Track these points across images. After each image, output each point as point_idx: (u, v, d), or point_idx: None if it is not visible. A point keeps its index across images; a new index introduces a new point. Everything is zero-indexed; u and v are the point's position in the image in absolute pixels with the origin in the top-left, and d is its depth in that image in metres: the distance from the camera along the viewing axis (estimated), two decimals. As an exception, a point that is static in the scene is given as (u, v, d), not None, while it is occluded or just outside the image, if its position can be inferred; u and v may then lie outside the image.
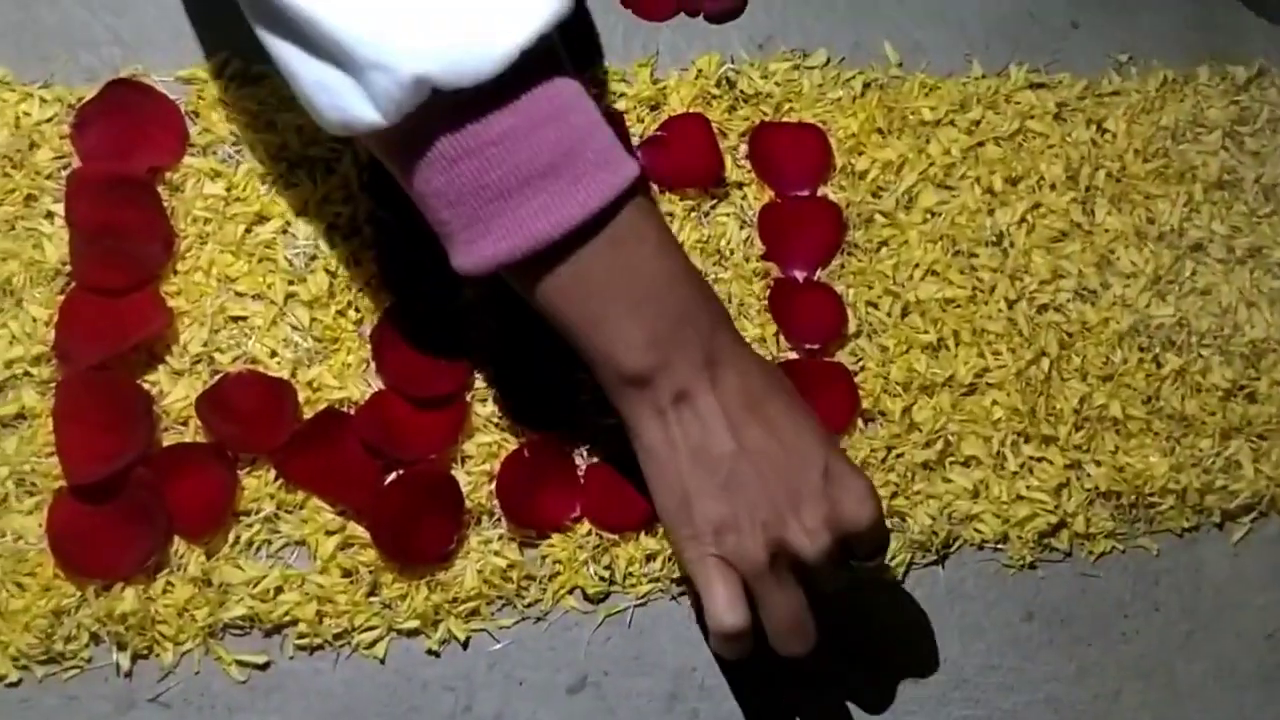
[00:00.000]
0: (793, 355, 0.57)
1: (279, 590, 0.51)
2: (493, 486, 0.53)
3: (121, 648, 0.49)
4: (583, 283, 0.44)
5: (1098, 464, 0.59)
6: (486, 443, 0.53)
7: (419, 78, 0.40)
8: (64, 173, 0.53)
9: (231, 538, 0.51)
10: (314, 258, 0.54)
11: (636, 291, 0.44)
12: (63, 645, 0.49)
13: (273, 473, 0.51)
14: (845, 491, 0.46)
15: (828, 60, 0.62)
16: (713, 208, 0.59)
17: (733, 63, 0.61)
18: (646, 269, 0.45)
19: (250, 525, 0.51)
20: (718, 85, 0.60)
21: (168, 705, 0.50)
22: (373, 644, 0.51)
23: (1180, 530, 0.60)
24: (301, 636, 0.51)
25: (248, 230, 0.54)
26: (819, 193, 0.59)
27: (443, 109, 0.42)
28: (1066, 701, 0.57)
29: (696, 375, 0.45)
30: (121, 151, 0.52)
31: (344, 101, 0.42)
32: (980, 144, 0.62)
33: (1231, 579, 0.60)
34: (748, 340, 0.50)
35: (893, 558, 0.56)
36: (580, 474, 0.54)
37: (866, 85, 0.62)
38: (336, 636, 0.51)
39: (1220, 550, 0.60)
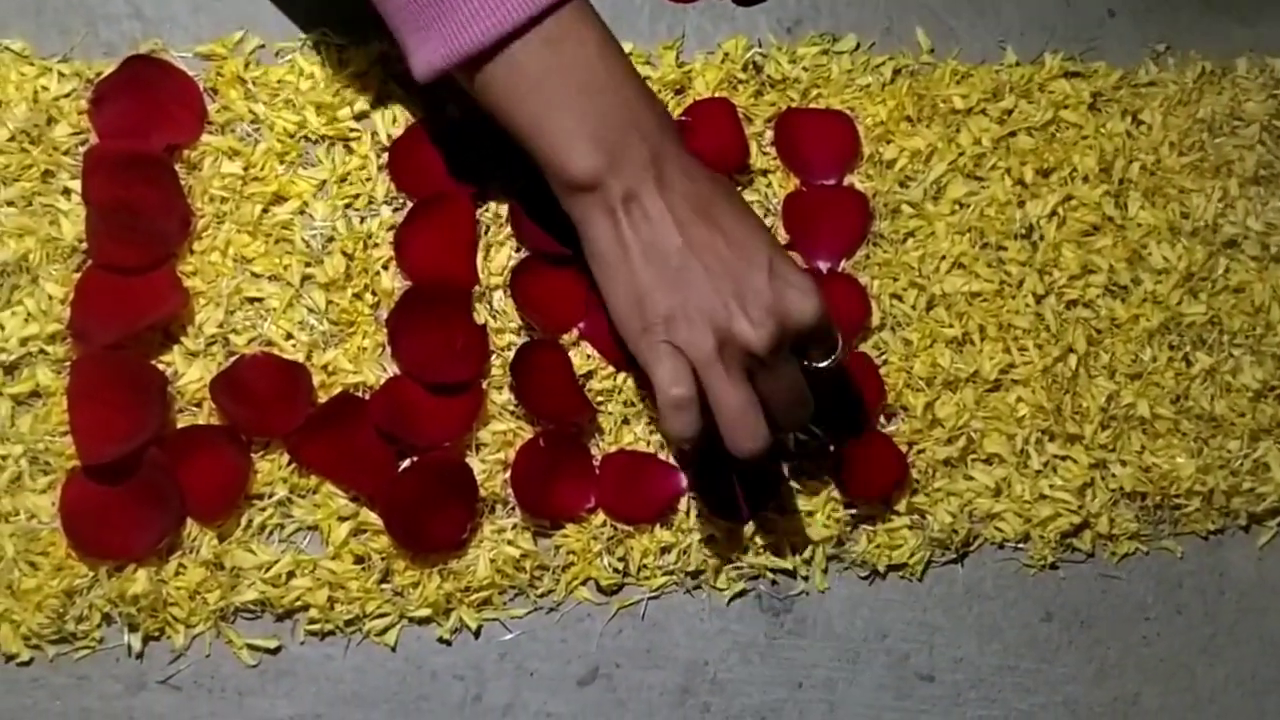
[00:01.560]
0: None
1: (291, 575, 0.50)
2: (507, 475, 0.52)
3: (133, 629, 0.49)
4: (523, 84, 0.46)
5: (1123, 464, 0.58)
6: (501, 430, 0.53)
7: None
8: (81, 149, 0.52)
9: (244, 521, 0.50)
10: (331, 239, 0.53)
11: (577, 93, 0.46)
12: (74, 625, 0.49)
13: (286, 456, 0.51)
14: (789, 286, 0.47)
15: (857, 45, 0.61)
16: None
17: (760, 46, 0.60)
18: (586, 70, 0.46)
19: (263, 509, 0.51)
20: (744, 70, 0.59)
21: (178, 688, 0.49)
22: (384, 631, 0.51)
23: (1205, 533, 0.59)
24: (313, 622, 0.50)
25: (265, 210, 0.53)
26: (845, 182, 0.58)
27: None
28: (1084, 703, 0.56)
29: (643, 175, 0.47)
30: (139, 128, 0.52)
31: None
32: (1012, 134, 0.61)
33: (1256, 583, 0.59)
34: None
35: (912, 554, 0.55)
36: (595, 464, 0.53)
37: (896, 72, 0.61)
38: (348, 623, 0.51)
39: (1245, 554, 0.59)
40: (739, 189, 0.57)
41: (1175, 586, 0.58)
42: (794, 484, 0.55)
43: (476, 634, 0.52)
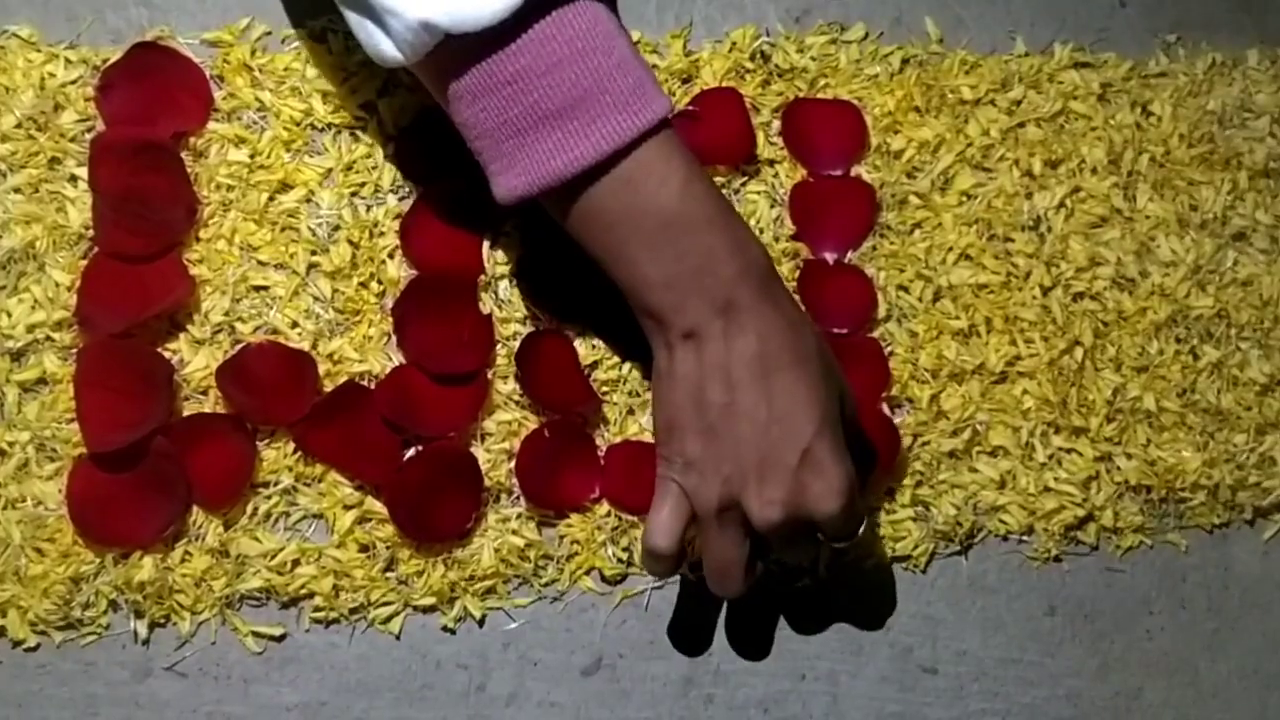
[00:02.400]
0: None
1: (296, 563, 0.50)
2: (512, 465, 0.52)
3: (139, 615, 0.49)
4: (601, 220, 0.46)
5: (1129, 457, 0.58)
6: (507, 420, 0.53)
7: (425, 22, 0.42)
8: (88, 135, 0.52)
9: (250, 509, 0.51)
10: (337, 228, 0.53)
11: (653, 232, 0.45)
12: (81, 612, 0.49)
13: (291, 445, 0.51)
14: (817, 479, 0.46)
15: (866, 35, 0.60)
16: (744, 185, 0.57)
17: (768, 36, 0.60)
18: (666, 212, 0.45)
19: (269, 497, 0.51)
20: (752, 59, 0.59)
21: (184, 674, 0.50)
22: (388, 619, 0.51)
23: (1210, 527, 0.59)
24: (317, 610, 0.51)
25: (271, 198, 0.53)
26: (852, 172, 0.58)
27: (461, 49, 0.43)
28: (1087, 697, 0.56)
29: (708, 322, 0.46)
30: (146, 116, 0.52)
31: (374, 40, 0.45)
32: (1021, 125, 0.60)
33: (1261, 578, 0.59)
34: None
35: (916, 546, 0.55)
36: (601, 455, 0.53)
37: (905, 61, 0.60)
38: (352, 611, 0.51)
39: (1250, 548, 0.59)
40: (734, 192, 0.57)
41: (1179, 580, 0.58)
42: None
43: (481, 623, 0.52)
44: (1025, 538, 0.57)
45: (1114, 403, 0.58)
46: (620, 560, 0.53)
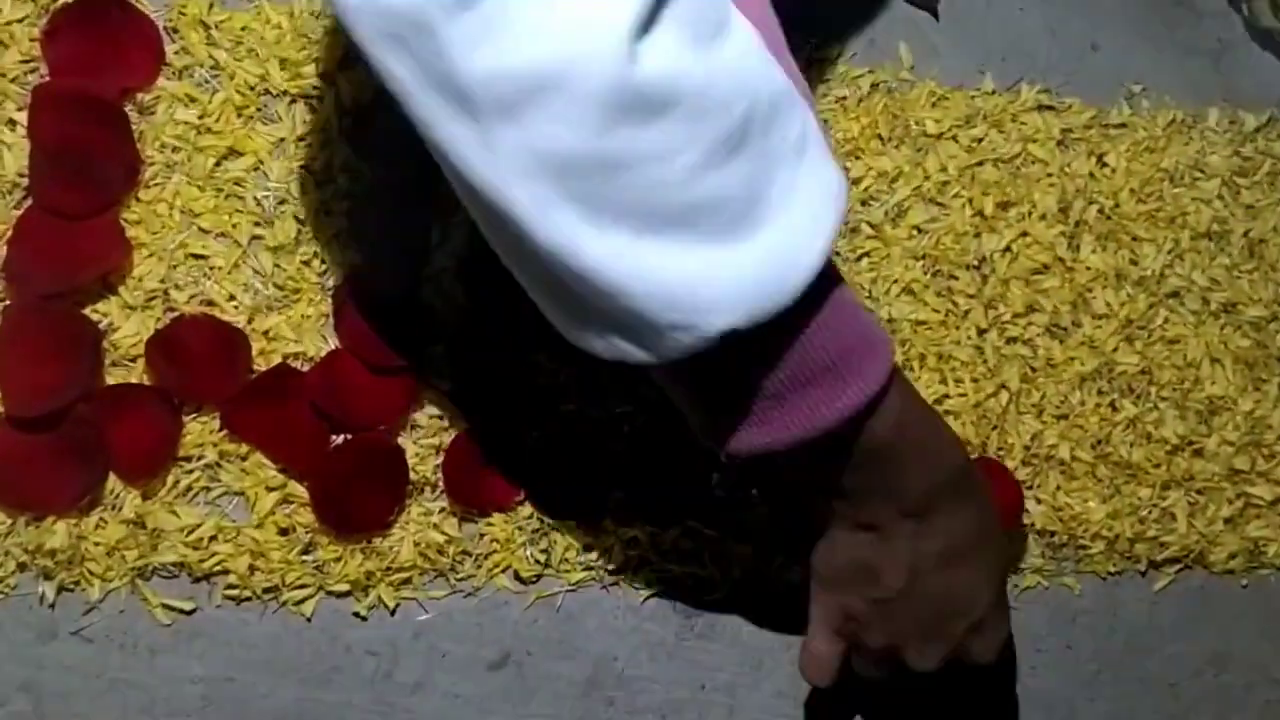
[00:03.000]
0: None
1: (213, 539, 0.50)
2: (439, 460, 0.52)
3: (48, 579, 0.49)
4: (827, 453, 0.43)
5: (1038, 501, 0.60)
6: (438, 414, 0.53)
7: (724, 330, 0.37)
8: (30, 78, 0.50)
9: (170, 482, 0.50)
10: (284, 202, 0.52)
11: (869, 459, 0.43)
12: (-11, 571, 0.49)
13: (218, 421, 0.50)
14: (979, 639, 0.48)
15: (839, 55, 0.60)
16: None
17: (741, 44, 0.59)
18: (876, 442, 0.43)
19: (190, 471, 0.50)
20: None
21: (90, 640, 0.50)
22: (301, 602, 0.51)
23: (1105, 573, 0.61)
24: (231, 587, 0.51)
25: (218, 164, 0.52)
26: (809, 196, 0.58)
27: (732, 338, 0.38)
28: (969, 724, 0.59)
29: (896, 523, 0.45)
30: (92, 67, 0.50)
31: (624, 350, 0.39)
32: (979, 163, 0.61)
33: (1146, 626, 0.61)
34: None
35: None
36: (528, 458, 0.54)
37: (874, 86, 0.60)
38: (266, 590, 0.51)
39: (1140, 596, 0.62)
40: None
41: (1069, 622, 0.60)
42: (721, 493, 0.56)
43: (393, 612, 0.52)
44: (930, 570, 0.59)
45: (1031, 448, 0.60)
46: (538, 561, 0.54)
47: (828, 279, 0.40)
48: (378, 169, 0.53)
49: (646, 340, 0.38)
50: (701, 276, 0.37)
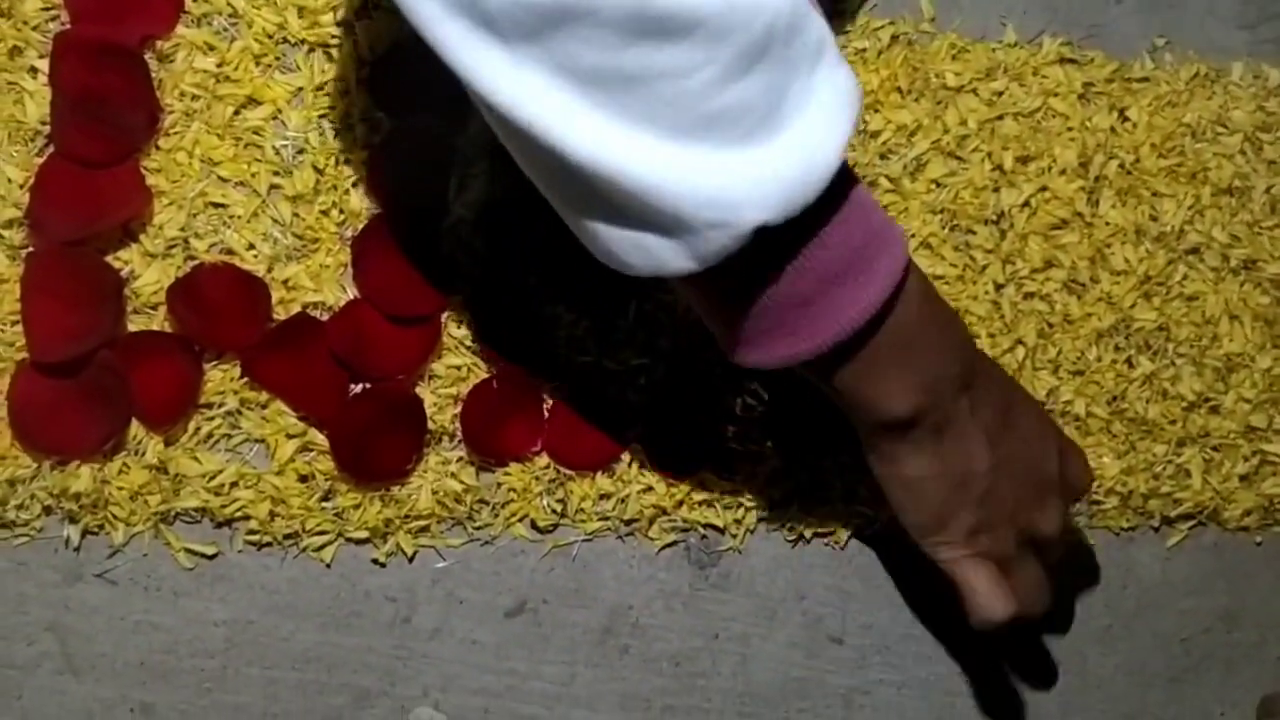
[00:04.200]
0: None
1: (234, 485, 0.51)
2: (458, 410, 0.53)
3: (73, 522, 0.50)
4: (858, 353, 0.44)
5: (1053, 456, 0.60)
6: (456, 365, 0.53)
7: (757, 225, 0.39)
8: (52, 25, 0.51)
9: (191, 428, 0.51)
10: (302, 151, 0.52)
11: (897, 351, 0.45)
12: (14, 514, 0.49)
13: (239, 369, 0.51)
14: (1071, 468, 0.51)
15: (860, 5, 0.59)
16: (717, 149, 0.57)
17: (761, -5, 0.58)
18: (907, 331, 0.44)
19: (211, 418, 0.51)
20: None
21: (114, 582, 0.51)
22: (321, 548, 0.52)
23: (1118, 529, 0.61)
24: (252, 533, 0.51)
25: (236, 113, 0.52)
26: (827, 149, 0.58)
27: (762, 239, 0.40)
28: (980, 676, 0.59)
29: (956, 407, 0.47)
30: (113, 14, 0.50)
31: (661, 256, 0.40)
32: (999, 117, 0.60)
33: (1159, 582, 0.62)
34: None
35: (839, 523, 0.57)
36: (546, 409, 0.54)
37: (894, 38, 0.60)
38: (286, 536, 0.52)
39: (1153, 553, 0.62)
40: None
41: (1082, 576, 0.61)
42: (737, 446, 0.56)
43: (411, 559, 0.53)
44: (944, 523, 0.59)
45: (1046, 404, 0.60)
46: (554, 511, 0.54)
47: (844, 178, 0.41)
48: (396, 118, 0.53)
49: (684, 243, 0.39)
50: (731, 176, 0.38)
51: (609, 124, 0.37)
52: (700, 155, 0.38)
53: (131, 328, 0.50)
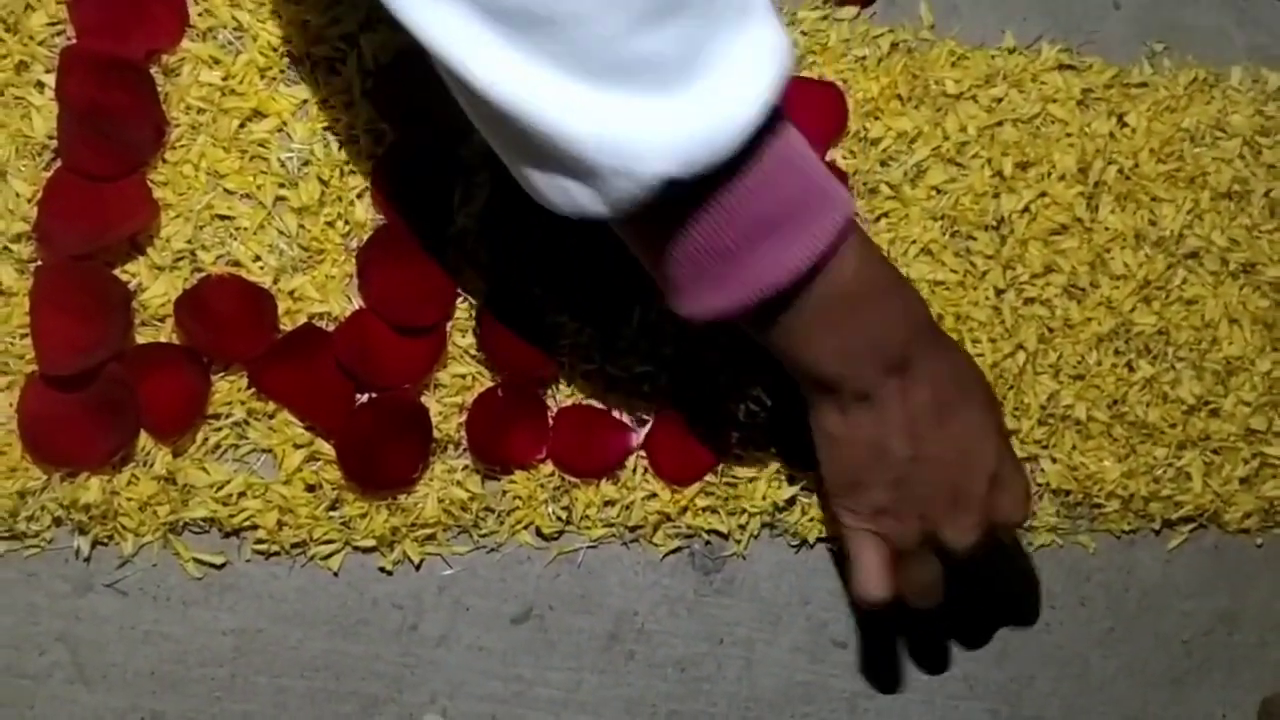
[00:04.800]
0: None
1: (242, 495, 0.51)
2: (463, 419, 0.53)
3: (82, 533, 0.50)
4: (779, 315, 0.45)
5: (1053, 460, 0.60)
6: (461, 374, 0.54)
7: (661, 177, 0.39)
8: (58, 39, 0.51)
9: (199, 439, 0.51)
10: (307, 163, 0.53)
11: (831, 310, 0.45)
12: (25, 525, 0.50)
13: (246, 379, 0.51)
14: (1005, 494, 0.49)
15: (858, 13, 0.60)
16: (719, 157, 0.57)
17: (761, 4, 0.59)
18: (845, 289, 0.45)
19: (219, 429, 0.51)
20: (743, 29, 0.58)
21: (124, 592, 0.51)
22: (329, 556, 0.53)
23: (1119, 532, 0.62)
24: (260, 542, 0.52)
25: (242, 125, 0.52)
26: (828, 156, 0.58)
27: (676, 189, 0.41)
28: (982, 681, 0.59)
29: (884, 383, 0.47)
30: (118, 29, 0.50)
31: (579, 199, 0.41)
32: (999, 124, 0.61)
33: (1160, 584, 0.62)
34: None
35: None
36: (551, 416, 0.54)
37: (894, 46, 0.60)
38: (294, 545, 0.52)
39: (1154, 555, 0.62)
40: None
41: (1083, 579, 0.61)
42: (740, 452, 0.56)
43: (418, 566, 0.54)
44: (946, 528, 0.59)
45: (1047, 408, 0.60)
46: (559, 518, 0.55)
47: (775, 136, 0.42)
48: (400, 130, 0.53)
49: (595, 185, 0.40)
50: (637, 124, 0.39)
51: (521, 63, 0.38)
52: (608, 102, 0.38)
53: (139, 340, 0.51)
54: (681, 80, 0.39)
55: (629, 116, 0.39)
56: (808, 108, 0.58)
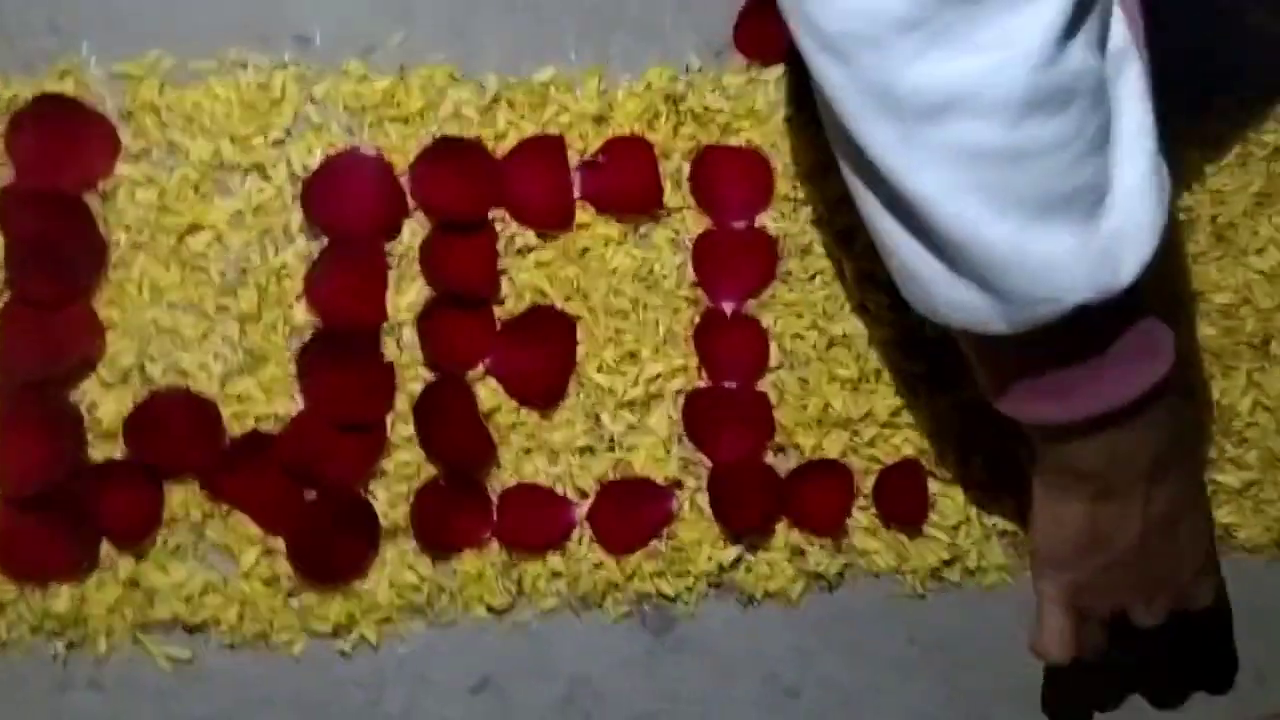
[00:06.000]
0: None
1: (203, 593, 0.54)
2: (409, 504, 0.55)
3: (57, 637, 0.54)
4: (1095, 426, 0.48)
5: (999, 502, 0.61)
6: (406, 460, 0.56)
7: (1080, 305, 0.43)
8: (4, 171, 0.53)
9: (159, 541, 0.54)
10: (245, 270, 0.55)
11: (1116, 428, 0.48)
12: (4, 633, 0.53)
13: (199, 484, 0.54)
14: (1199, 588, 0.54)
15: (784, 73, 0.60)
16: (649, 230, 0.59)
17: (686, 71, 0.60)
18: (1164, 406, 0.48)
19: (177, 531, 0.54)
20: (665, 101, 0.59)
21: (102, 688, 0.55)
22: (289, 643, 0.55)
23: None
24: (223, 634, 0.55)
25: (179, 240, 0.55)
26: (758, 221, 0.59)
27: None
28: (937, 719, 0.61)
29: (1135, 486, 0.50)
30: (54, 164, 0.53)
31: (976, 319, 0.45)
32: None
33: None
34: (674, 369, 0.57)
35: (790, 583, 0.59)
36: (494, 497, 0.57)
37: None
38: (256, 635, 0.55)
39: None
40: (640, 237, 0.59)
41: (1035, 616, 0.62)
42: (684, 516, 0.58)
43: (376, 647, 0.56)
44: (898, 574, 0.61)
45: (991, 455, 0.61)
46: (509, 591, 0.57)
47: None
48: (332, 231, 0.55)
49: (1012, 312, 0.43)
50: (1071, 255, 0.42)
51: (984, 204, 0.41)
52: (1052, 234, 0.41)
53: (95, 454, 0.53)
54: (1099, 209, 0.42)
55: (1065, 248, 0.42)
56: (734, 178, 0.59)
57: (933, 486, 0.60)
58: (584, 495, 0.58)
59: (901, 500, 0.60)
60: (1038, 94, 0.39)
